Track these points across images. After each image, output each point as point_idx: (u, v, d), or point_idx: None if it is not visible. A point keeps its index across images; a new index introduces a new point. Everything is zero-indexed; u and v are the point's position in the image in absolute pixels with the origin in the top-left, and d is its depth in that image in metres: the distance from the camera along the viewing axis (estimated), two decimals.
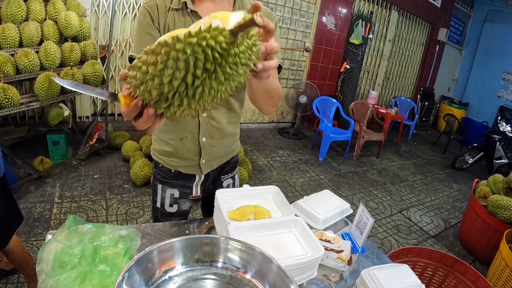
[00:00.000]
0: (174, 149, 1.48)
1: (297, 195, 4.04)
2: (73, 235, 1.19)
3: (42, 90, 3.00)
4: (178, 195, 1.59)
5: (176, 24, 1.28)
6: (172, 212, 1.62)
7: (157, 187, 1.60)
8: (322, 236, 1.39)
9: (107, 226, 1.26)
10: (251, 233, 1.25)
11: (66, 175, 3.57)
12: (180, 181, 1.57)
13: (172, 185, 1.57)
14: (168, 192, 1.58)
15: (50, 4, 3.35)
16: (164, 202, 1.60)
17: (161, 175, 1.57)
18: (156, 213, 1.66)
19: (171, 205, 1.60)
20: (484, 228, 3.34)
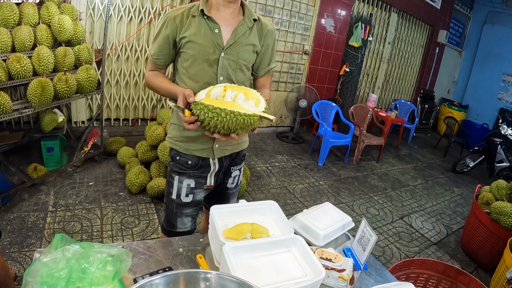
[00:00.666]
0: (191, 133, 1.62)
1: (296, 202, 3.97)
2: (60, 256, 1.12)
3: (35, 96, 2.92)
4: (194, 185, 1.71)
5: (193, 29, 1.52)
6: (187, 202, 1.73)
7: (174, 179, 1.71)
8: (322, 254, 1.32)
9: (95, 245, 1.20)
10: (247, 254, 1.18)
11: (60, 182, 3.50)
12: (197, 172, 1.70)
13: (189, 176, 1.70)
14: (185, 183, 1.70)
15: (44, 7, 3.28)
16: (181, 193, 1.71)
17: (178, 166, 1.70)
18: (170, 205, 1.76)
19: (187, 195, 1.72)
20: (487, 235, 3.27)
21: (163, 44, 1.57)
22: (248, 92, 1.42)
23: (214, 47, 1.53)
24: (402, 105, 8.00)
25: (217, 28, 1.52)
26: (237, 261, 1.14)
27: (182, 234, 1.76)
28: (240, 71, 1.62)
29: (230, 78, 1.58)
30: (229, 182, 1.86)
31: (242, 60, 1.60)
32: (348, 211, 3.99)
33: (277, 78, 6.40)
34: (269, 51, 1.74)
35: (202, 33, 1.52)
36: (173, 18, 1.53)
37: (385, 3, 7.39)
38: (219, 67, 1.55)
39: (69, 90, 3.21)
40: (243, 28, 1.57)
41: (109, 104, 5.01)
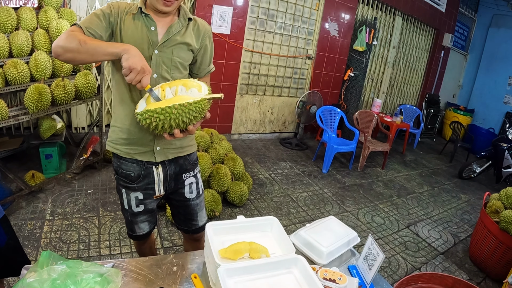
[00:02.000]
0: (131, 134, 1.58)
1: (299, 211, 3.88)
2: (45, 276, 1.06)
3: (32, 102, 2.86)
4: (142, 196, 1.69)
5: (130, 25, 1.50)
6: (139, 211, 1.72)
7: (122, 192, 1.70)
8: (326, 275, 1.23)
9: (83, 264, 1.13)
10: (244, 276, 1.10)
11: (59, 190, 3.44)
12: (141, 184, 1.66)
13: (134, 189, 1.66)
14: (133, 195, 1.68)
15: (42, 12, 3.23)
16: (131, 204, 1.70)
17: (123, 180, 1.67)
18: (125, 214, 1.77)
19: (137, 206, 1.70)
20: (495, 244, 3.18)
21: (103, 21, 1.47)
22: (186, 83, 1.42)
23: (148, 44, 1.51)
24: (407, 110, 7.90)
25: (153, 26, 1.51)
26: (233, 284, 1.06)
27: (143, 237, 1.83)
28: (175, 69, 1.59)
29: (164, 76, 1.56)
30: (186, 192, 1.80)
31: (177, 58, 1.58)
32: (353, 220, 3.90)
33: (280, 83, 6.33)
34: (208, 52, 1.74)
35: (138, 30, 1.50)
36: (117, 7, 1.51)
37: (390, 6, 7.32)
38: (152, 64, 1.52)
39: (67, 96, 3.15)
40: (178, 26, 1.56)
41: (110, 110, 4.96)
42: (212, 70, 1.83)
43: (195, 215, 1.85)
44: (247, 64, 5.78)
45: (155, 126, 1.28)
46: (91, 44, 1.33)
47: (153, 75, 1.53)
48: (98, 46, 1.34)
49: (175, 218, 1.92)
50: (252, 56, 5.77)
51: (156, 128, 1.29)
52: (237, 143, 5.81)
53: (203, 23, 1.68)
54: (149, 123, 1.27)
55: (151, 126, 1.29)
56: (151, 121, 1.26)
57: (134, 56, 1.29)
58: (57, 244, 2.68)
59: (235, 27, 5.32)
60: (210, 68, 1.81)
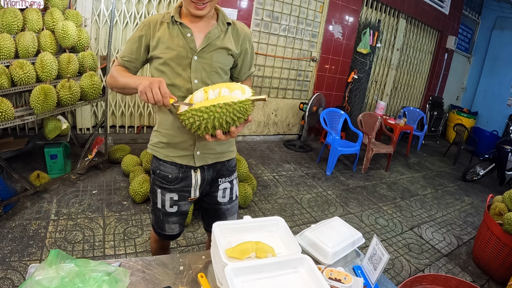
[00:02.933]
0: (171, 139, 1.61)
1: (303, 213, 3.88)
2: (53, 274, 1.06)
3: (38, 103, 2.89)
4: (177, 198, 1.70)
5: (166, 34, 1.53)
6: (173, 212, 1.73)
7: (157, 192, 1.71)
8: (331, 274, 1.24)
9: (92, 263, 1.13)
10: (251, 276, 1.11)
11: (63, 190, 3.45)
12: (178, 186, 1.67)
13: (170, 190, 1.68)
14: (168, 196, 1.69)
15: (48, 13, 3.25)
16: (165, 204, 1.71)
17: (160, 181, 1.69)
18: (157, 213, 1.76)
19: (171, 206, 1.72)
20: (499, 247, 3.17)
21: (135, 46, 1.58)
22: (229, 85, 1.42)
23: (187, 51, 1.53)
24: (411, 113, 7.89)
25: (189, 33, 1.53)
26: (240, 284, 1.07)
27: (171, 237, 1.85)
28: (216, 74, 1.60)
29: (205, 81, 1.56)
30: (219, 196, 1.79)
31: (217, 63, 1.58)
32: (356, 222, 3.90)
33: (284, 85, 6.34)
34: (248, 55, 1.75)
35: (175, 38, 1.52)
36: (148, 24, 1.56)
37: (394, 9, 7.32)
38: (192, 70, 1.54)
39: (72, 97, 3.17)
40: (217, 31, 1.57)
41: (114, 111, 4.98)
42: (253, 73, 1.84)
43: (224, 219, 1.83)
44: None
45: (197, 126, 1.29)
46: (120, 83, 1.50)
47: (194, 80, 1.54)
48: (124, 84, 1.49)
49: (204, 219, 1.94)
50: (256, 58, 5.79)
51: (199, 128, 1.30)
52: (241, 145, 5.82)
53: (242, 27, 1.69)
54: (192, 122, 1.29)
55: (193, 126, 1.30)
56: (194, 120, 1.28)
57: (141, 83, 1.33)
58: (61, 244, 2.69)
59: None
60: (251, 72, 1.82)
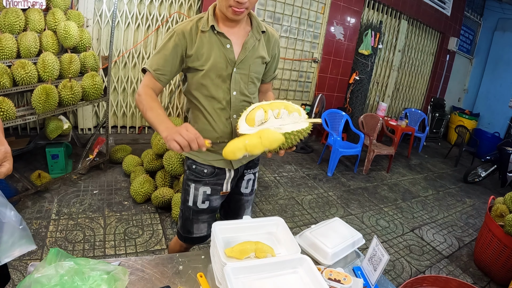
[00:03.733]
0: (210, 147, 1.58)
1: (304, 214, 3.87)
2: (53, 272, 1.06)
3: (39, 103, 2.89)
4: (210, 191, 1.71)
5: (205, 45, 1.49)
6: (204, 208, 1.73)
7: (190, 187, 1.72)
8: (331, 275, 1.24)
9: (91, 261, 1.14)
10: (250, 275, 1.11)
11: (64, 190, 3.45)
12: (212, 179, 1.70)
13: (205, 183, 1.69)
14: (201, 190, 1.70)
15: (50, 14, 3.25)
16: (197, 200, 1.71)
17: (194, 175, 1.70)
18: (186, 213, 1.76)
19: (203, 202, 1.72)
20: (500, 248, 3.16)
21: (170, 58, 1.50)
22: (287, 106, 1.43)
23: (226, 62, 1.51)
24: (412, 114, 7.88)
25: (228, 43, 1.50)
26: (239, 283, 1.07)
27: (199, 240, 1.81)
28: (252, 84, 1.61)
29: (243, 92, 1.58)
30: (242, 186, 1.84)
31: (254, 73, 1.60)
32: (357, 223, 3.90)
33: (285, 86, 6.34)
34: (275, 60, 1.75)
35: (214, 49, 1.49)
36: (181, 33, 1.48)
37: (395, 10, 7.31)
38: (232, 82, 1.54)
39: (74, 97, 3.18)
40: (252, 40, 1.55)
41: (116, 111, 4.98)
42: (276, 76, 1.85)
43: (243, 210, 1.89)
44: None
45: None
46: (149, 118, 1.43)
47: (233, 92, 1.55)
48: (151, 122, 1.43)
49: (222, 209, 1.95)
50: None
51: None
52: None
53: (273, 32, 1.68)
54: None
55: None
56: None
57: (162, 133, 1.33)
58: (62, 243, 2.69)
59: None
60: (275, 75, 1.83)
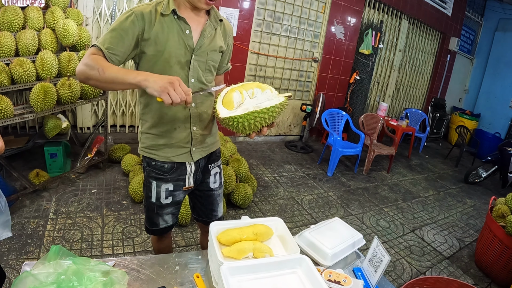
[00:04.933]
0: (168, 139, 1.60)
1: (304, 214, 3.85)
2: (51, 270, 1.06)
3: (37, 101, 2.87)
4: (173, 188, 1.69)
5: (164, 29, 1.43)
6: (167, 203, 1.71)
7: (152, 184, 1.68)
8: (330, 276, 1.22)
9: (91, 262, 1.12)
10: (248, 275, 1.08)
11: (63, 189, 3.44)
12: (174, 175, 1.67)
13: (166, 180, 1.66)
14: (163, 187, 1.67)
15: (49, 12, 3.24)
16: (160, 196, 1.68)
17: (155, 172, 1.66)
18: (150, 207, 1.73)
19: (166, 197, 1.69)
20: (501, 249, 3.14)
21: (125, 38, 1.40)
22: (259, 85, 1.45)
23: (185, 48, 1.48)
24: (413, 114, 7.86)
25: (188, 29, 1.48)
26: (236, 283, 1.04)
27: (165, 230, 1.80)
28: (208, 72, 1.60)
29: (200, 80, 1.56)
30: (211, 182, 1.82)
31: (211, 61, 1.59)
32: (357, 223, 3.87)
33: (286, 86, 6.32)
34: (229, 50, 1.76)
35: (174, 33, 1.45)
36: (140, 14, 1.41)
37: (396, 10, 7.29)
38: (191, 70, 1.52)
39: (72, 95, 3.16)
40: (210, 29, 1.55)
41: (115, 110, 4.96)
42: (229, 68, 1.85)
43: (216, 205, 1.88)
44: (253, 66, 5.78)
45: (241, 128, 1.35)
46: (109, 74, 1.28)
47: (191, 79, 1.52)
48: (115, 77, 1.28)
49: (195, 210, 1.93)
50: (258, 58, 5.77)
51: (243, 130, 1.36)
52: (242, 145, 5.79)
53: (227, 23, 1.69)
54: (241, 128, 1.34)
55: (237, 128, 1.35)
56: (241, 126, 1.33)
57: (155, 81, 1.22)
58: (60, 242, 2.67)
59: (241, 29, 5.32)
60: (228, 67, 1.83)
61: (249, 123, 1.30)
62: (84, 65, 1.31)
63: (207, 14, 1.57)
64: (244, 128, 1.32)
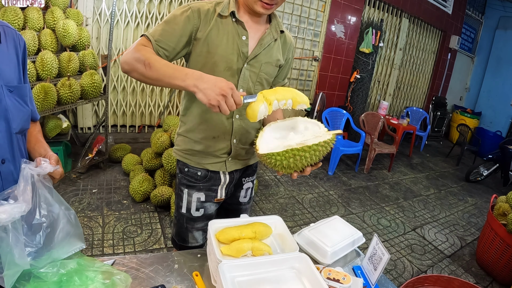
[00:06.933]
0: (205, 147, 1.51)
1: (305, 213, 3.85)
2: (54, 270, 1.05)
3: (38, 101, 2.88)
4: (204, 198, 1.59)
5: (220, 31, 1.34)
6: (198, 216, 1.61)
7: (183, 192, 1.60)
8: (330, 274, 1.21)
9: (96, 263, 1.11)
10: (246, 273, 1.08)
11: (63, 189, 3.44)
12: (206, 184, 1.57)
13: (198, 189, 1.57)
14: (195, 196, 1.58)
15: (49, 12, 3.24)
16: (190, 207, 1.60)
17: (187, 179, 1.57)
18: (180, 220, 1.64)
19: (197, 209, 1.60)
20: (503, 248, 3.13)
21: (178, 33, 1.31)
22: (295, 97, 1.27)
23: (238, 55, 1.37)
24: (414, 113, 7.86)
25: (245, 35, 1.37)
26: (234, 281, 1.04)
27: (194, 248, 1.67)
28: (259, 84, 1.49)
29: (250, 92, 1.46)
30: (241, 196, 1.74)
31: (264, 74, 1.48)
32: (358, 222, 3.87)
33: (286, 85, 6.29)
34: (288, 65, 1.64)
35: (229, 37, 1.35)
36: (197, 10, 1.33)
37: (396, 8, 7.28)
38: (241, 79, 1.41)
39: (72, 95, 3.16)
40: (269, 38, 1.44)
41: (116, 110, 4.96)
42: (285, 84, 1.68)
43: None
44: None
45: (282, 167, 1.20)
46: (156, 70, 1.18)
47: (240, 89, 1.42)
48: (162, 75, 1.17)
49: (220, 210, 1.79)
50: None
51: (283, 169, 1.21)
52: None
53: (289, 36, 1.58)
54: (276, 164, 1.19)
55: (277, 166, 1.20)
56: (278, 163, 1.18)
57: (206, 90, 1.10)
58: None
59: None
60: (284, 83, 1.69)
61: (288, 162, 1.16)
62: (130, 55, 1.22)
63: (268, 22, 1.48)
64: (283, 167, 1.18)
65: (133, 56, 1.21)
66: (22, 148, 1.20)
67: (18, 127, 1.13)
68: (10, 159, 1.13)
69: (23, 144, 1.22)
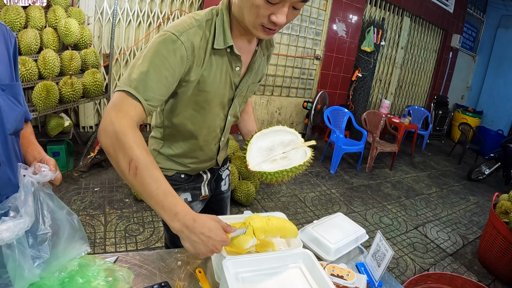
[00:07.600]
0: (194, 160, 1.46)
1: (307, 211, 3.85)
2: None
3: (40, 100, 2.88)
4: (191, 198, 1.55)
5: (212, 68, 1.17)
6: None
7: None
8: (333, 271, 1.21)
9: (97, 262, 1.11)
10: (250, 270, 1.08)
11: (65, 187, 3.44)
12: (191, 183, 1.54)
13: (184, 189, 1.53)
14: (182, 197, 1.52)
15: (50, 11, 3.25)
16: None
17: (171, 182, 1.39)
18: None
19: None
20: (505, 246, 3.13)
21: (171, 80, 1.08)
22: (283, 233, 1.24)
23: (230, 87, 1.26)
24: (415, 111, 7.85)
25: (238, 66, 1.22)
26: (238, 277, 1.04)
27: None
28: (244, 103, 1.45)
29: (236, 115, 1.43)
30: (222, 185, 1.74)
31: (250, 93, 1.42)
32: (361, 220, 3.87)
33: (288, 84, 6.31)
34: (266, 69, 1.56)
35: (222, 73, 1.20)
36: (191, 47, 1.08)
37: (398, 7, 7.28)
38: (231, 108, 1.34)
39: (74, 94, 3.17)
40: (259, 59, 1.32)
41: None
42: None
43: (225, 208, 1.81)
44: None
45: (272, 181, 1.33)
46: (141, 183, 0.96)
47: (228, 117, 1.37)
48: (148, 193, 0.97)
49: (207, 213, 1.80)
50: None
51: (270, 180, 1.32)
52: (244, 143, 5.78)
53: (273, 42, 1.43)
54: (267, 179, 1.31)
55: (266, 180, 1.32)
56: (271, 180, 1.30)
57: (195, 243, 0.98)
58: None
59: None
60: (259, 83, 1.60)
61: (277, 179, 1.27)
62: (111, 135, 0.96)
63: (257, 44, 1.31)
64: (271, 181, 1.29)
65: (118, 139, 0.95)
66: (17, 150, 1.14)
67: (12, 128, 1.07)
68: (6, 162, 1.07)
69: (18, 146, 1.16)
